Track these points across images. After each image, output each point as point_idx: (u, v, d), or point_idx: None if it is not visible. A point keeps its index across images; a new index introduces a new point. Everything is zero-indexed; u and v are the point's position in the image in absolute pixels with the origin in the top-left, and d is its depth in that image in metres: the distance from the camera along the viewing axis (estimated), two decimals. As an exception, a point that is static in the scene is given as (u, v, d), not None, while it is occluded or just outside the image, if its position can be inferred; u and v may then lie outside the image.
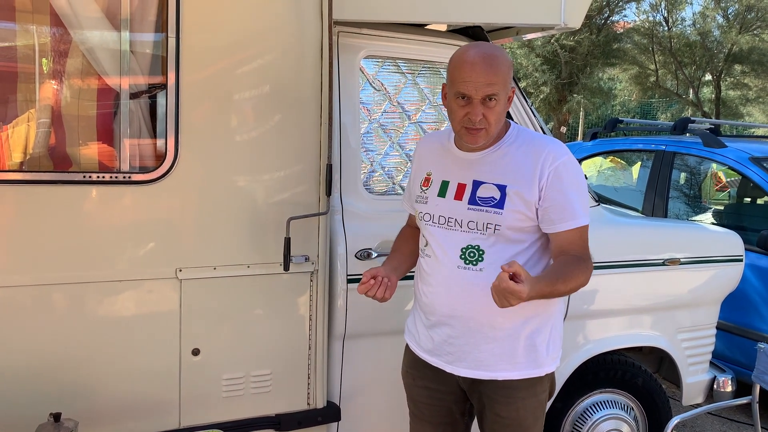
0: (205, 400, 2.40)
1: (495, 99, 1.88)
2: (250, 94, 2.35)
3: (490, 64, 1.86)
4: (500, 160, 1.98)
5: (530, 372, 1.99)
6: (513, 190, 1.93)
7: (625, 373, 3.06)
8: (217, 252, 2.34)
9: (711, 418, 4.18)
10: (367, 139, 2.70)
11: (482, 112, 1.88)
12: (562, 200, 1.93)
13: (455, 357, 2.03)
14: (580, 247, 1.96)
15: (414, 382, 2.18)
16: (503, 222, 1.92)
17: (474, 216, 1.96)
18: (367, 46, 2.65)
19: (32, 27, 2.20)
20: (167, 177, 2.26)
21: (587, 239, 1.99)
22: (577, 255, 1.94)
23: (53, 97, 2.23)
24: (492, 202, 1.94)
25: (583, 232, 1.96)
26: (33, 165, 2.21)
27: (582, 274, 1.92)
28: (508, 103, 1.95)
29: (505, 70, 1.90)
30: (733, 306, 3.99)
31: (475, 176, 1.99)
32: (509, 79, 1.92)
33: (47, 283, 2.16)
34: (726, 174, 5.69)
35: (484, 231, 1.95)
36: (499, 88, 1.87)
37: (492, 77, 1.86)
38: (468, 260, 1.96)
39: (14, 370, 2.14)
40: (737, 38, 15.46)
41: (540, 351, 2.01)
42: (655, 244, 3.07)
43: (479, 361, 1.99)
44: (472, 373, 2.01)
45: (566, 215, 1.93)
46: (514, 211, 1.92)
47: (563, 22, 2.79)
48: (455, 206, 1.99)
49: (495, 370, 1.99)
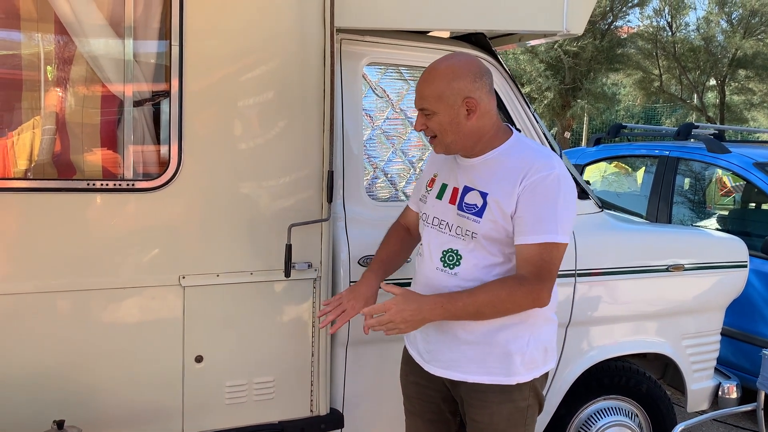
0: (208, 407, 2.40)
1: (428, 111, 1.95)
2: (253, 101, 2.35)
3: (425, 78, 1.97)
4: (488, 169, 1.99)
5: (501, 379, 1.98)
6: (493, 199, 1.93)
7: (630, 380, 3.04)
8: (220, 259, 2.35)
9: (716, 425, 4.16)
10: (370, 145, 2.70)
11: (423, 122, 1.98)
12: (529, 213, 1.89)
13: (432, 356, 2.07)
14: (533, 265, 1.87)
15: (407, 377, 2.23)
16: (479, 230, 1.95)
17: (460, 221, 1.99)
18: (369, 54, 2.66)
19: (37, 35, 2.21)
20: (171, 184, 2.26)
21: (551, 260, 1.88)
22: (518, 275, 1.90)
23: (57, 104, 2.24)
24: (473, 210, 1.97)
25: (545, 249, 1.87)
26: (37, 173, 2.22)
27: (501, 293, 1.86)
28: (469, 113, 1.93)
29: (441, 84, 1.92)
30: (737, 312, 3.97)
31: (466, 182, 2.02)
32: (450, 92, 1.91)
33: (51, 291, 2.16)
34: (730, 179, 5.68)
35: (464, 236, 1.98)
36: (431, 102, 1.93)
37: (423, 90, 1.96)
38: (446, 263, 2.01)
39: (18, 378, 2.15)
40: (741, 43, 15.43)
41: (514, 360, 1.98)
42: (659, 250, 3.06)
43: (452, 361, 2.02)
44: (445, 373, 2.05)
45: (530, 229, 1.88)
46: (491, 221, 1.93)
47: (566, 28, 2.79)
48: (448, 210, 2.03)
49: (466, 373, 2.01)
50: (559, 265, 1.92)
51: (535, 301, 1.90)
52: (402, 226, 2.32)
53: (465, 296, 1.89)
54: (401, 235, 2.30)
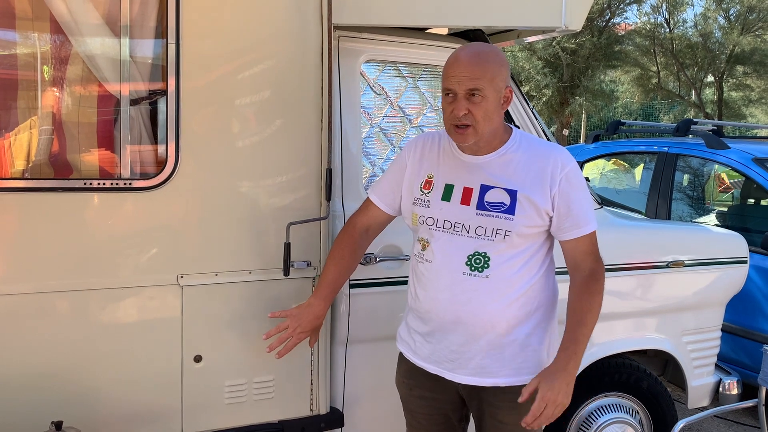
0: (207, 407, 2.39)
1: (479, 94, 1.85)
2: (250, 99, 2.34)
3: (475, 59, 1.86)
4: (508, 165, 1.96)
5: (531, 378, 1.97)
6: (524, 195, 1.91)
7: (630, 377, 3.04)
8: (218, 258, 2.34)
9: (717, 421, 4.16)
10: (369, 143, 2.69)
11: (467, 107, 1.86)
12: (575, 207, 1.94)
13: (456, 364, 2.00)
14: (592, 254, 2.00)
15: (410, 392, 2.15)
16: (514, 228, 1.90)
17: (483, 221, 1.92)
18: (367, 51, 2.65)
19: (33, 34, 2.20)
20: (168, 183, 2.25)
21: (597, 244, 2.02)
22: (587, 274, 1.98)
23: (54, 104, 2.23)
24: (502, 208, 1.91)
25: (593, 237, 2.00)
26: (34, 172, 2.21)
27: (596, 301, 1.98)
28: (504, 104, 1.92)
29: (494, 67, 1.87)
30: (737, 308, 3.97)
31: (483, 180, 1.96)
32: (500, 76, 1.88)
33: (48, 291, 2.15)
34: (729, 175, 5.68)
35: (493, 237, 1.91)
36: (484, 84, 1.85)
37: (475, 71, 1.84)
38: (474, 267, 1.93)
39: (16, 379, 2.14)
40: (739, 39, 15.44)
41: (542, 356, 2.01)
42: (658, 247, 3.06)
43: (481, 367, 1.98)
44: (474, 380, 1.99)
45: (578, 222, 1.95)
46: (524, 216, 1.90)
47: (564, 24, 2.78)
48: (463, 211, 1.96)
49: (498, 377, 1.98)
50: None
51: (604, 282, 2.01)
52: (357, 231, 2.20)
53: (578, 329, 1.93)
54: (353, 246, 2.19)
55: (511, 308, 1.94)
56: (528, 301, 1.97)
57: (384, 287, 2.56)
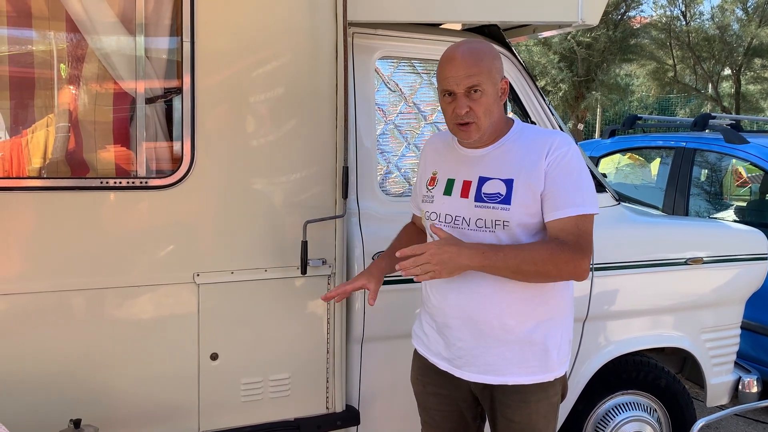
0: (224, 404, 2.39)
1: (479, 90, 1.86)
2: (265, 96, 2.34)
3: (469, 56, 1.86)
4: (505, 156, 1.94)
5: (541, 377, 1.95)
6: (520, 182, 1.88)
7: (648, 375, 3.01)
8: (234, 256, 2.34)
9: (736, 419, 4.11)
10: (383, 140, 2.68)
11: (468, 105, 1.87)
12: (562, 186, 1.86)
13: (465, 361, 1.99)
14: (572, 234, 1.84)
15: (425, 389, 2.14)
16: (511, 218, 1.88)
17: (481, 213, 1.91)
18: (382, 47, 2.63)
19: (49, 33, 2.21)
20: (184, 181, 2.25)
21: (587, 230, 1.87)
22: (559, 240, 1.84)
23: (70, 102, 2.24)
24: (498, 198, 1.90)
25: (581, 220, 1.85)
26: (51, 171, 2.22)
27: (555, 256, 1.80)
28: (502, 96, 1.92)
29: (489, 61, 1.87)
30: (758, 305, 3.91)
31: (481, 172, 1.95)
32: (495, 69, 1.89)
33: (66, 289, 2.16)
34: (747, 170, 5.61)
35: (493, 228, 1.90)
36: (482, 79, 1.85)
37: (472, 68, 1.85)
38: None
39: (35, 376, 2.15)
40: (757, 32, 15.25)
41: (551, 355, 1.96)
42: (677, 243, 3.02)
43: (489, 365, 1.96)
44: (481, 377, 1.97)
45: (564, 202, 1.85)
46: (521, 205, 1.88)
47: (581, 18, 2.75)
48: (462, 204, 1.95)
49: (505, 375, 1.95)
50: (592, 238, 1.89)
51: (575, 269, 1.83)
52: (415, 226, 2.28)
53: (507, 248, 1.83)
54: (414, 232, 2.26)
55: (517, 304, 1.92)
56: (536, 296, 1.94)
57: (399, 285, 2.55)
